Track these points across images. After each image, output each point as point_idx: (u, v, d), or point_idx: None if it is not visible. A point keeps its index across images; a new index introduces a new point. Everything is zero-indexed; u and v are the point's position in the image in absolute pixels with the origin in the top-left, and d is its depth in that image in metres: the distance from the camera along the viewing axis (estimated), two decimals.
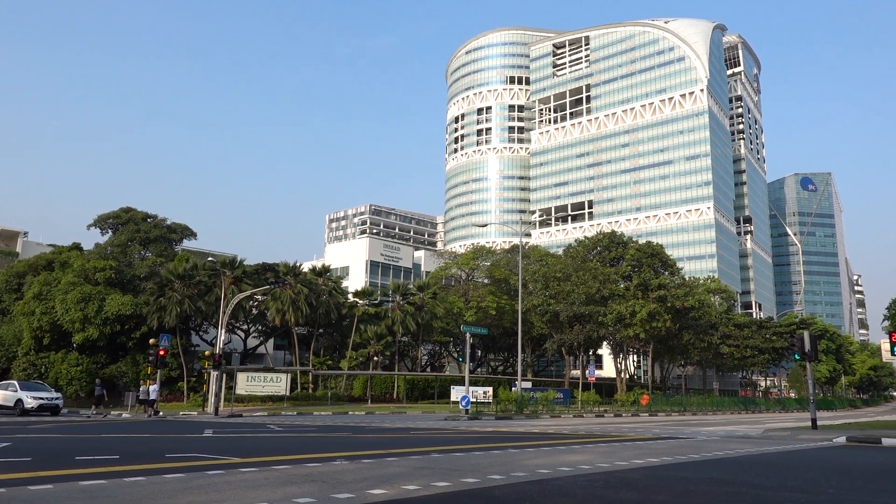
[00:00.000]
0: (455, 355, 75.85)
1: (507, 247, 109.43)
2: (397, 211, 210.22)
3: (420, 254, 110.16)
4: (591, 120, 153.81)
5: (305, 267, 61.81)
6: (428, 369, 74.71)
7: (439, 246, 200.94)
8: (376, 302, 65.20)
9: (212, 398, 39.69)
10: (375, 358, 58.89)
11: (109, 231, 61.14)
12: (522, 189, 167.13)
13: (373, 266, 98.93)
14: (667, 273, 64.40)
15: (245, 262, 56.75)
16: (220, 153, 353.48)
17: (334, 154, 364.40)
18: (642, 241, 71.76)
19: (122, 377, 49.35)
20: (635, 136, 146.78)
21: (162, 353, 37.93)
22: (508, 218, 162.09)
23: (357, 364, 58.33)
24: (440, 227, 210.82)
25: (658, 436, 21.88)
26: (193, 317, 52.88)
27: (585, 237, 70.21)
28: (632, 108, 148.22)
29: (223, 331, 41.89)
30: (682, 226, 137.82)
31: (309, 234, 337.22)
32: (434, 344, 75.50)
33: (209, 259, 53.88)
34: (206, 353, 48.59)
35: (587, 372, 55.29)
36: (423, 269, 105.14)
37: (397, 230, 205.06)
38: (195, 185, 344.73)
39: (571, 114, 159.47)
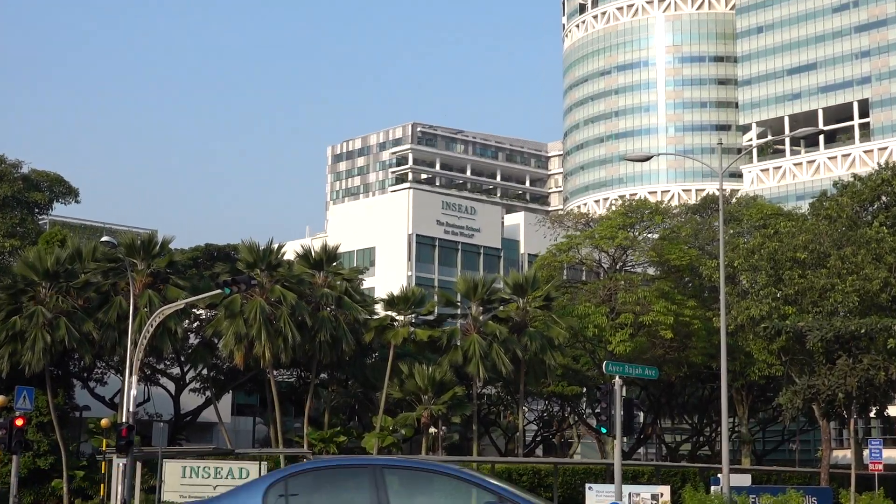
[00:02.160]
0: (591, 421, 75.23)
1: (690, 200, 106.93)
2: (467, 135, 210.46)
3: (516, 218, 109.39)
4: None
5: (290, 250, 62.29)
6: (538, 450, 74.25)
7: (554, 203, 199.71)
8: (430, 317, 65.23)
9: None
10: (432, 429, 59.14)
11: None
12: (721, 82, 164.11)
13: (422, 245, 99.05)
14: None
15: (173, 245, 57.81)
16: (131, 51, 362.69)
17: (345, 39, 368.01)
18: None
19: None
20: None
21: (20, 422, 38.83)
22: (693, 141, 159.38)
23: (396, 441, 58.92)
24: (554, 166, 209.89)
25: None
26: (77, 353, 54.15)
27: (855, 176, 67.81)
28: None
29: (135, 379, 42.60)
30: None
31: (294, 186, 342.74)
32: (548, 399, 75.24)
33: (105, 241, 54.82)
34: (104, 421, 49.66)
35: (867, 453, 53.64)
36: (521, 248, 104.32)
37: (469, 173, 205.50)
38: (78, 113, 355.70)
39: None
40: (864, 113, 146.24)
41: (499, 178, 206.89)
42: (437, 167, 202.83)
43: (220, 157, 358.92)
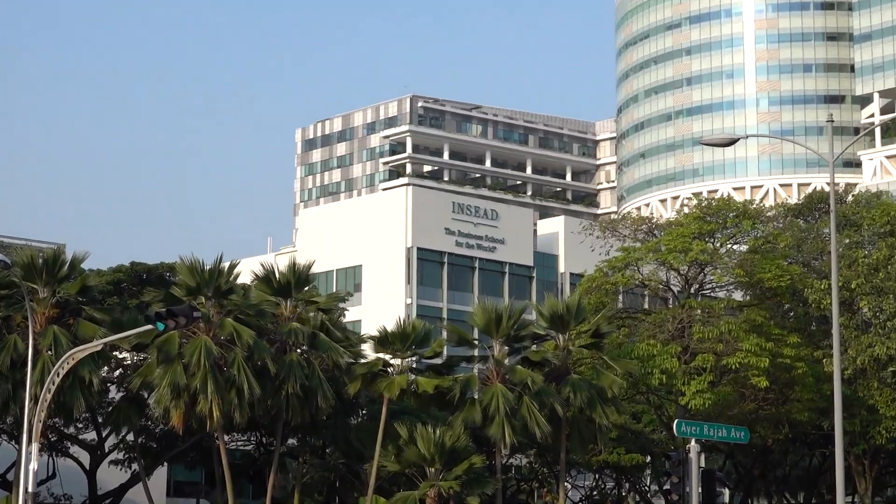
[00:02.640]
0: (657, 501, 75.09)
1: (791, 198, 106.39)
2: (486, 112, 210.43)
3: (553, 225, 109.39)
4: None
5: (246, 270, 62.14)
6: None
7: (604, 203, 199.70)
8: (437, 360, 65.34)
9: None
10: None
11: None
12: (830, 38, 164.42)
13: (425, 262, 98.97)
14: None
15: (88, 265, 57.81)
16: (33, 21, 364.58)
17: None
18: None
19: None
20: None
21: None
22: (793, 118, 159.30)
23: None
24: (604, 153, 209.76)
25: None
26: None
27: None
28: None
29: (35, 448, 42.53)
30: None
31: (252, 183, 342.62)
32: (599, 471, 75.26)
33: None
34: None
35: None
36: (560, 266, 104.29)
37: (489, 164, 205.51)
38: None
39: None
40: None
41: (529, 170, 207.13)
42: (446, 156, 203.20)
43: (150, 150, 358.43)
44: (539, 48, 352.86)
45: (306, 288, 60.78)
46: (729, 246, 75.12)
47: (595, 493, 79.84)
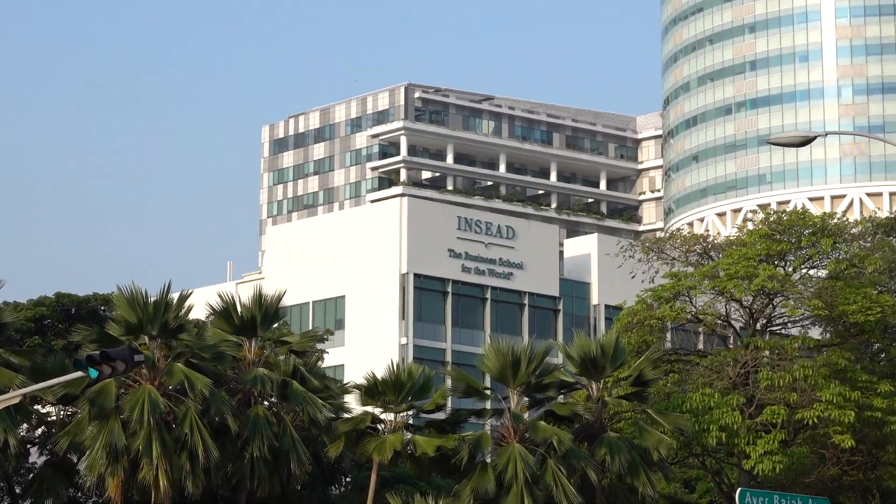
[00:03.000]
0: None
1: (881, 211, 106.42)
2: (499, 104, 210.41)
3: (583, 245, 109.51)
4: None
5: (200, 302, 62.15)
6: None
7: (648, 217, 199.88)
8: (440, 414, 65.46)
9: None
10: None
11: None
12: None
13: (424, 292, 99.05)
14: None
15: (1, 297, 57.92)
16: None
17: None
18: None
19: None
20: None
21: None
22: (884, 112, 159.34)
23: None
24: (647, 155, 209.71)
25: None
26: None
27: None
28: None
29: None
30: None
31: (207, 195, 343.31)
32: None
33: None
34: None
35: None
36: (594, 296, 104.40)
37: (503, 169, 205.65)
38: None
39: None
40: None
41: (554, 176, 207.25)
42: (450, 159, 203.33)
43: (79, 154, 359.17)
44: (565, 25, 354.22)
45: (276, 325, 60.82)
46: (804, 271, 75.10)
47: None
